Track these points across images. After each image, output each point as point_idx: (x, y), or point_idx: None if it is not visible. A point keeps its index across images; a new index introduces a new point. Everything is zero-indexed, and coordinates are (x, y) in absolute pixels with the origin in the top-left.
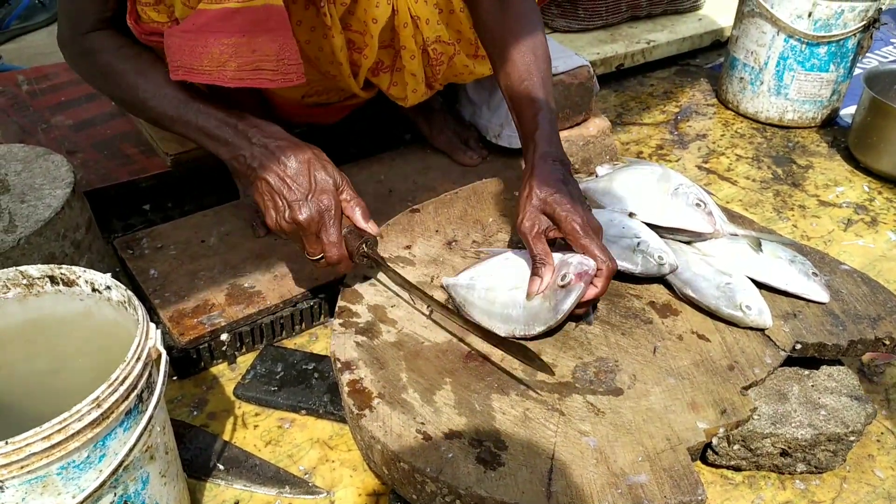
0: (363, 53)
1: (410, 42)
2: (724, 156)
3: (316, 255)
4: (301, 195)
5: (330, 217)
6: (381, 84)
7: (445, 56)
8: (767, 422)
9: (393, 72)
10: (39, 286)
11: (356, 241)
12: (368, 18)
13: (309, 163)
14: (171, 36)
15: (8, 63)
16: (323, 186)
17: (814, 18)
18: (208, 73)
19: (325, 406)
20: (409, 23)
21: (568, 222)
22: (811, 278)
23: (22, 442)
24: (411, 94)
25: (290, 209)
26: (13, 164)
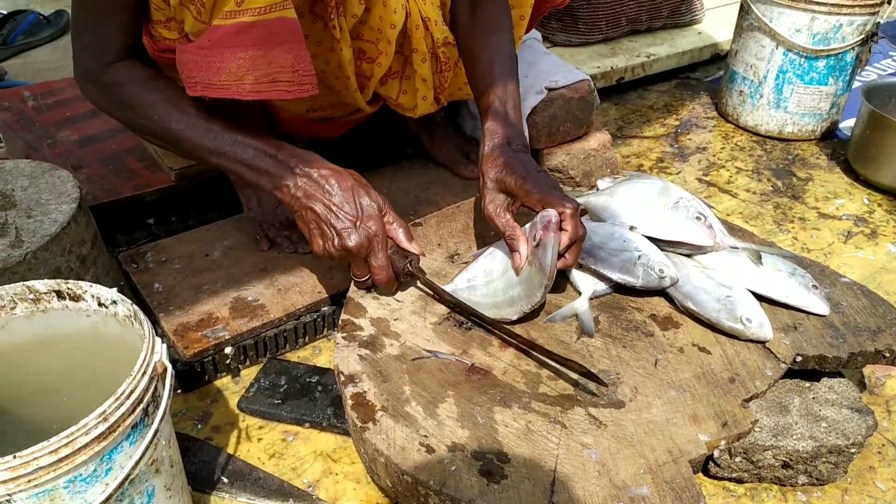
0: (376, 62)
1: (422, 44)
2: (724, 168)
3: (362, 276)
4: (349, 223)
5: (378, 242)
6: (391, 93)
7: (452, 60)
8: (769, 434)
9: (402, 79)
10: (46, 301)
11: (401, 262)
12: (385, 25)
13: (353, 190)
14: (186, 52)
15: (13, 79)
16: (369, 212)
17: (812, 32)
18: (226, 88)
19: (328, 419)
20: (421, 24)
21: (520, 188)
22: (811, 291)
23: (29, 456)
24: (421, 102)
25: (339, 237)
26: (20, 180)
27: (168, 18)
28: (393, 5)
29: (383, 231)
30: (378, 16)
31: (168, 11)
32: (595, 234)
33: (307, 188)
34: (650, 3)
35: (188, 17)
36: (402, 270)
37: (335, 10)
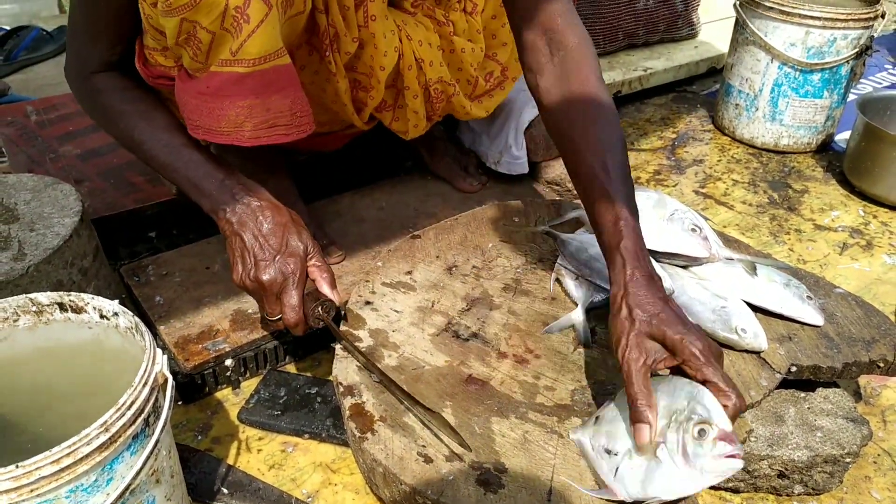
0: (370, 94)
1: (414, 83)
2: (720, 181)
3: (274, 315)
4: (270, 256)
5: (293, 281)
6: (384, 119)
7: (445, 95)
8: (764, 444)
9: (395, 109)
10: (49, 313)
11: (312, 303)
12: (376, 66)
13: (285, 227)
14: (187, 94)
15: (16, 94)
16: (292, 251)
17: (807, 46)
18: (227, 135)
19: (327, 430)
20: (414, 65)
21: (685, 346)
22: (806, 302)
23: (32, 466)
24: (412, 129)
25: (255, 268)
26: (22, 194)
27: (164, 47)
28: (383, 49)
29: (302, 271)
30: (370, 55)
31: (164, 42)
32: (592, 246)
33: (241, 216)
34: (647, 17)
35: (185, 56)
36: (311, 313)
37: (329, 46)
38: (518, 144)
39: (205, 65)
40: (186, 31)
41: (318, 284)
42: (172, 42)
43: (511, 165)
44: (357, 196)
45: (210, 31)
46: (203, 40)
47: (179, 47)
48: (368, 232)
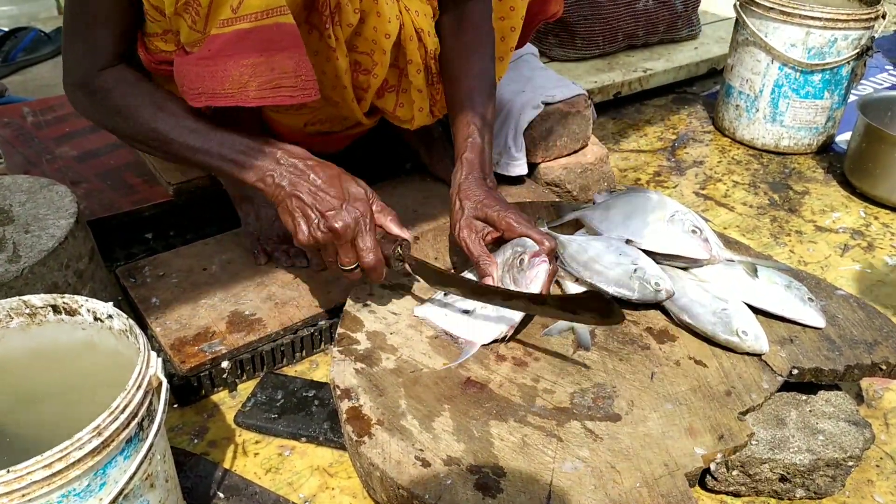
0: (372, 73)
1: (416, 55)
2: (721, 182)
3: (350, 264)
4: (336, 204)
5: (365, 223)
6: (388, 105)
7: None
8: (766, 447)
9: (399, 91)
10: (42, 315)
11: (391, 246)
12: (380, 36)
13: (339, 177)
14: (187, 64)
15: (14, 95)
16: (356, 195)
17: (807, 47)
18: (231, 96)
19: (325, 433)
20: (414, 36)
21: (502, 219)
22: (807, 304)
23: (23, 470)
24: (418, 114)
25: (324, 219)
26: (18, 195)
27: (164, 31)
28: (387, 15)
29: (370, 213)
30: (372, 26)
31: (164, 23)
32: (591, 247)
33: (292, 177)
34: (647, 18)
35: (183, 26)
36: (391, 254)
37: (330, 19)
38: (517, 145)
39: (204, 33)
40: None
41: (385, 226)
42: (171, 11)
43: (510, 166)
44: None
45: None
46: (202, 3)
47: (178, 17)
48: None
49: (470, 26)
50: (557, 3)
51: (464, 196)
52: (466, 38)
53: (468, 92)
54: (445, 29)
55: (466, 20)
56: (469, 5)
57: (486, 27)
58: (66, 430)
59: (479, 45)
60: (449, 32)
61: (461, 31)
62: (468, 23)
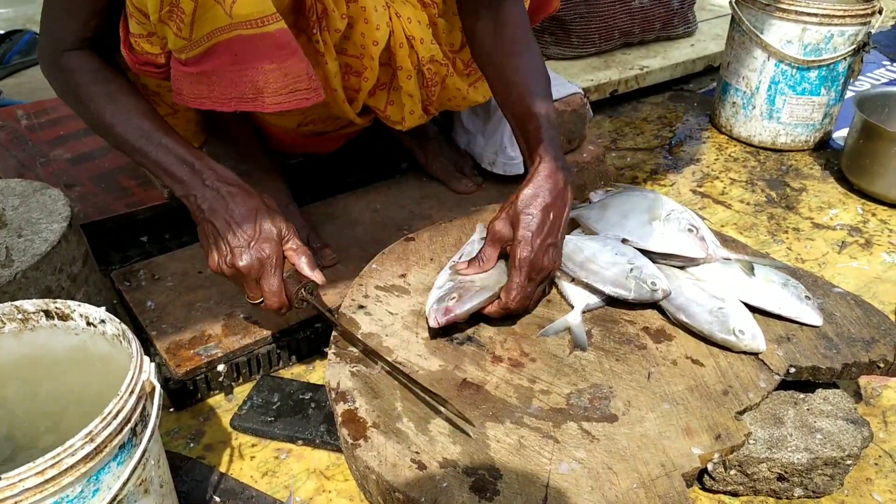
0: (363, 76)
1: (406, 62)
2: (718, 180)
3: (255, 299)
4: (244, 242)
5: (270, 266)
6: (378, 104)
7: (439, 77)
8: (763, 446)
9: (390, 90)
10: (35, 320)
11: (294, 286)
12: (368, 42)
13: (256, 211)
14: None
15: (8, 98)
16: (267, 235)
17: (804, 43)
18: (251, 101)
19: (321, 436)
20: (405, 42)
21: (515, 248)
22: (804, 301)
23: (16, 477)
24: (408, 116)
25: (231, 254)
26: (11, 199)
27: (149, 33)
28: (375, 22)
29: (278, 255)
30: (360, 32)
31: (149, 26)
32: (587, 247)
33: (212, 202)
34: (643, 15)
35: (169, 33)
36: (294, 296)
37: (317, 24)
38: (513, 145)
39: (189, 40)
40: (169, 2)
41: (297, 265)
42: (155, 17)
43: (506, 166)
44: (351, 198)
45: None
46: (186, 10)
47: (163, 24)
48: (362, 234)
49: (509, 26)
50: None
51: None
52: (507, 37)
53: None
54: (483, 33)
55: (503, 21)
56: (504, 6)
57: (525, 26)
58: (58, 437)
59: (522, 41)
60: (487, 36)
61: (500, 32)
62: (506, 23)
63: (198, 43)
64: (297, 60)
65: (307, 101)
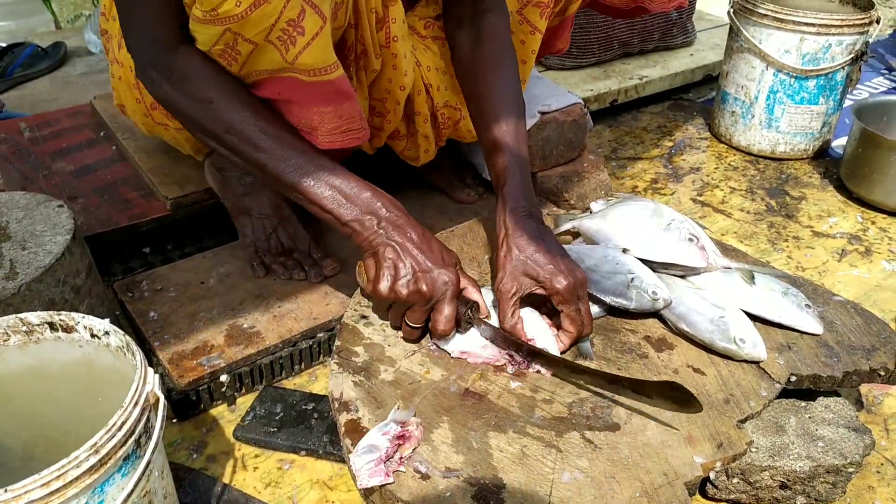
0: (386, 119)
1: (423, 108)
2: (718, 188)
3: (418, 323)
4: (431, 266)
5: (452, 292)
6: (396, 147)
7: (452, 121)
8: (765, 454)
9: (408, 138)
10: (39, 333)
11: (462, 308)
12: (395, 87)
13: (435, 240)
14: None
15: (10, 111)
16: (449, 262)
17: (802, 53)
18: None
19: (324, 447)
20: (423, 90)
21: (553, 286)
22: (804, 310)
23: (21, 489)
24: (423, 155)
25: (415, 277)
26: (14, 212)
27: None
28: (404, 69)
29: (458, 284)
30: (388, 77)
31: None
32: (588, 257)
33: (391, 227)
34: (642, 26)
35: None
36: (462, 317)
37: (355, 62)
38: None
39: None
40: (226, 41)
41: (467, 292)
42: (206, 49)
43: None
44: None
45: (253, 42)
46: (242, 52)
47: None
48: None
49: (489, 40)
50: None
51: (514, 243)
52: (486, 53)
53: (496, 113)
54: (463, 46)
55: (484, 35)
56: (487, 19)
57: (506, 42)
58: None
59: (500, 59)
60: (467, 49)
61: (480, 46)
62: (487, 37)
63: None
64: (352, 104)
65: (357, 141)
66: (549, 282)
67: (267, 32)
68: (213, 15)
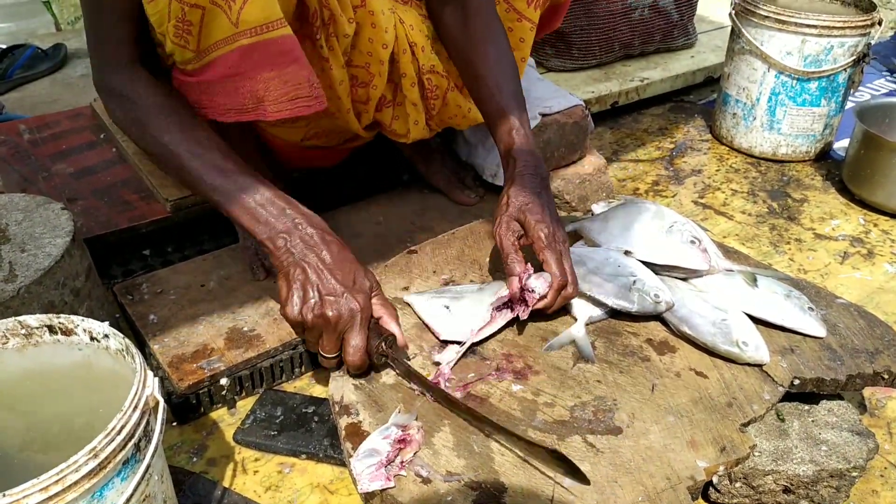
0: (371, 85)
1: (409, 68)
2: (719, 191)
3: (331, 352)
4: (338, 290)
5: (360, 320)
6: (384, 119)
7: (440, 90)
8: (768, 458)
9: (395, 105)
10: (38, 336)
11: (375, 339)
12: (376, 47)
13: (352, 262)
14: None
15: (10, 112)
16: (360, 287)
17: (804, 54)
18: (252, 111)
19: (325, 450)
20: (408, 49)
21: (535, 231)
22: (807, 313)
23: (20, 494)
24: (413, 128)
25: (321, 302)
26: (14, 214)
27: None
28: (384, 25)
29: (369, 309)
30: (367, 38)
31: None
32: (590, 259)
33: (304, 247)
34: (643, 27)
35: (176, 49)
36: (375, 350)
37: (323, 29)
38: None
39: (197, 51)
40: (175, 14)
41: (383, 321)
42: (162, 30)
43: None
44: (353, 211)
45: (199, 6)
46: (193, 21)
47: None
48: (365, 247)
49: (476, 14)
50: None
51: (513, 193)
52: (475, 26)
53: (495, 84)
54: (451, 24)
55: (471, 10)
56: None
57: (492, 13)
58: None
59: (490, 32)
60: (455, 25)
61: (468, 21)
62: (473, 12)
63: (205, 52)
64: (298, 67)
65: (308, 109)
66: (532, 227)
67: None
68: None
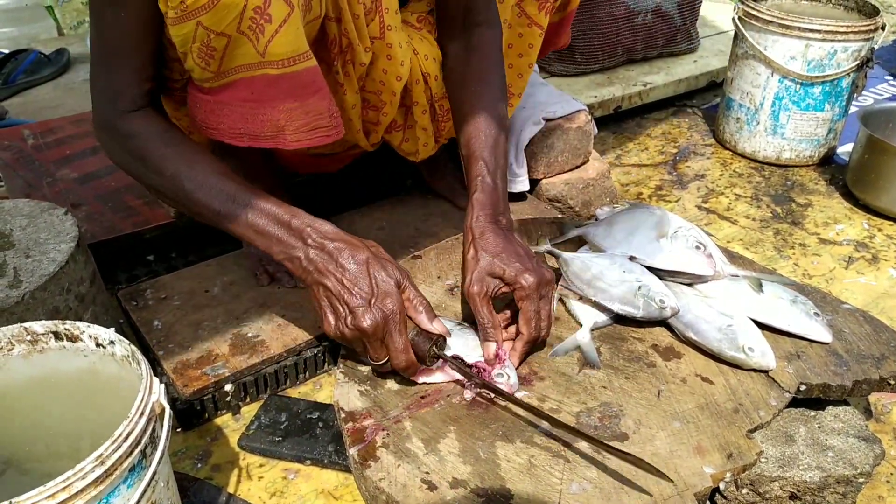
0: (382, 112)
1: (422, 97)
2: (723, 195)
3: (381, 359)
4: (363, 300)
5: (395, 322)
6: (394, 140)
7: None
8: (775, 465)
9: (405, 129)
10: (44, 342)
11: (426, 345)
12: (390, 78)
13: (368, 264)
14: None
15: (14, 118)
16: (385, 289)
17: (807, 59)
18: (271, 139)
19: (329, 456)
20: (421, 79)
21: (518, 281)
22: (813, 318)
23: (26, 501)
24: (422, 149)
25: (352, 315)
26: (18, 220)
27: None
28: (400, 58)
29: (401, 310)
30: (381, 68)
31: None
32: (595, 264)
33: (319, 262)
34: (646, 32)
35: (196, 68)
36: (427, 353)
37: (340, 56)
38: (518, 162)
39: (217, 73)
40: (201, 39)
41: (417, 321)
42: (185, 49)
43: (512, 183)
44: (357, 216)
45: (225, 34)
46: (217, 47)
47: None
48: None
49: (478, 54)
50: (567, 35)
51: (480, 245)
52: (474, 65)
53: (477, 125)
54: (454, 57)
55: (474, 48)
56: (477, 32)
57: (496, 56)
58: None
59: (487, 73)
60: (457, 61)
61: (469, 59)
62: (477, 51)
63: (225, 74)
64: (320, 98)
65: (328, 138)
66: (514, 277)
67: (237, 23)
68: (183, 10)
